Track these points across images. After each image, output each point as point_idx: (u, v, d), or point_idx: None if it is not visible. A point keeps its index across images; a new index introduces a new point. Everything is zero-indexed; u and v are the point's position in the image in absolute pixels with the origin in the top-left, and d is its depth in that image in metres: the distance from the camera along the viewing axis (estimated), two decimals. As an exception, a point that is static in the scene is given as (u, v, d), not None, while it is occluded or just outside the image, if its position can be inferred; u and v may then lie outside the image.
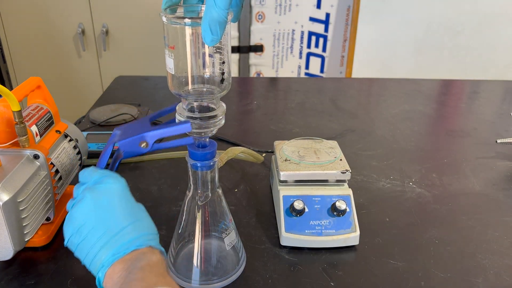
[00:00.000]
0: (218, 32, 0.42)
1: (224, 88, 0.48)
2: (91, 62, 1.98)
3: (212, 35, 0.42)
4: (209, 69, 0.47)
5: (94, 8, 1.87)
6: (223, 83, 0.48)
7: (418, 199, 0.71)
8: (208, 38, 0.42)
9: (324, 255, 0.58)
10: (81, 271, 0.54)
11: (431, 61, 2.18)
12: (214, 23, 0.42)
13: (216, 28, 0.42)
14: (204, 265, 0.53)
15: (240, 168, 0.80)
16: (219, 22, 0.42)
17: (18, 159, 0.55)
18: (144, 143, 0.47)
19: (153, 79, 1.29)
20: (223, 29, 0.43)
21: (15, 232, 0.52)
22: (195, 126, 0.46)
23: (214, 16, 0.41)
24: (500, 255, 0.58)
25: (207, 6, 0.42)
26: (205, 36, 0.42)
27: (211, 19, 0.42)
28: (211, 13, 0.41)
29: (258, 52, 2.38)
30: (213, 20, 0.42)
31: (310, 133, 0.94)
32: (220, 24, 0.42)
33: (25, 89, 0.60)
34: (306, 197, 0.60)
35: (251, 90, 1.24)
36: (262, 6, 2.26)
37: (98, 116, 0.89)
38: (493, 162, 0.82)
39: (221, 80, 0.48)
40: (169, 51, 0.45)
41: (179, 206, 0.68)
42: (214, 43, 0.43)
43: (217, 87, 0.48)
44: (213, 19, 0.42)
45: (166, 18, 0.44)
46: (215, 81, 0.48)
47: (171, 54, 0.45)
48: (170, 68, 0.46)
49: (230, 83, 0.49)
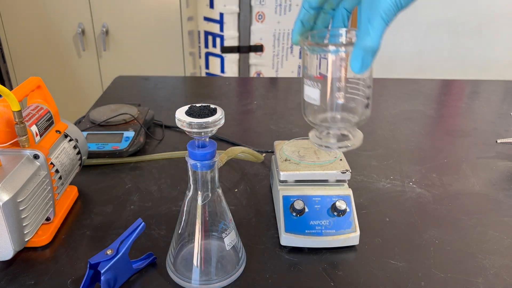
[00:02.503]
0: (370, 60, 0.40)
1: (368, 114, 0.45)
2: (91, 62, 1.98)
3: (363, 63, 0.40)
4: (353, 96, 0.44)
5: (94, 8, 1.87)
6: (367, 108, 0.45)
7: (418, 199, 0.71)
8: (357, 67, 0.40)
9: (324, 255, 0.58)
10: (81, 271, 0.54)
11: (431, 61, 2.18)
12: (367, 52, 0.39)
13: (368, 57, 0.39)
14: (204, 265, 0.53)
15: (240, 168, 0.80)
16: (372, 51, 0.39)
17: (18, 159, 0.55)
18: (110, 250, 0.51)
19: (153, 79, 1.29)
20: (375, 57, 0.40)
21: (15, 232, 0.52)
22: (195, 126, 0.46)
23: (368, 45, 0.39)
24: (500, 255, 0.58)
25: (360, 34, 0.39)
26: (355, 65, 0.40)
27: (364, 48, 0.39)
28: (365, 41, 0.39)
29: (258, 52, 2.38)
30: (366, 49, 0.39)
31: (310, 133, 0.94)
32: (373, 53, 0.39)
33: (25, 89, 0.60)
34: (306, 197, 0.60)
35: (251, 90, 1.24)
36: (262, 6, 2.26)
37: (98, 116, 0.89)
38: (493, 162, 0.82)
39: (366, 105, 0.45)
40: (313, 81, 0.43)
41: (179, 206, 0.68)
42: (364, 71, 0.40)
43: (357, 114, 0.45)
44: (367, 48, 0.39)
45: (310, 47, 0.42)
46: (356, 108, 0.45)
47: (316, 84, 0.43)
48: (313, 99, 0.43)
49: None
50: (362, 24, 0.39)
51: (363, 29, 0.39)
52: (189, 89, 1.29)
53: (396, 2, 0.38)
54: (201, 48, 2.37)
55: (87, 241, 0.60)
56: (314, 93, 0.43)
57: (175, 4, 1.87)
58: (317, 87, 0.43)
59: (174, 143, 0.90)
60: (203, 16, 2.28)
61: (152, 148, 0.87)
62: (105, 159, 0.80)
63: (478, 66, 2.15)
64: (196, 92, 1.24)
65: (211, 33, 2.33)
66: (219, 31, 2.32)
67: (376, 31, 0.38)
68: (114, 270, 0.50)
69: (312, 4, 0.45)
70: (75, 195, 0.69)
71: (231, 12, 2.27)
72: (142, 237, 0.61)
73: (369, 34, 0.38)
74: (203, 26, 2.31)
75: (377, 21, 0.38)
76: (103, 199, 0.70)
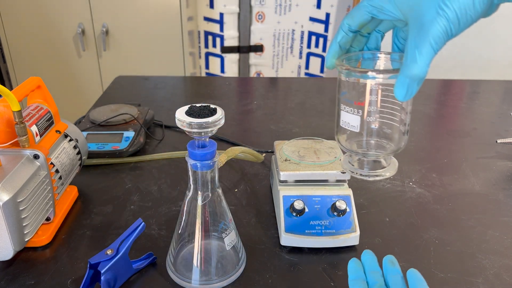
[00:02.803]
0: (415, 89, 0.38)
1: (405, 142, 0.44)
2: (91, 62, 1.98)
3: (408, 92, 0.38)
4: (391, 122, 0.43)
5: (94, 8, 1.87)
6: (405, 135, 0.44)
7: (418, 199, 0.71)
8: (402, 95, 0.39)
9: (324, 255, 0.58)
10: (81, 271, 0.54)
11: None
12: (413, 80, 0.38)
13: (414, 85, 0.38)
14: (204, 265, 0.53)
15: (240, 168, 0.80)
16: (419, 79, 0.38)
17: (18, 159, 0.55)
18: (110, 250, 0.51)
19: (153, 79, 1.29)
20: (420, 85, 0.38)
21: (15, 232, 0.52)
22: (195, 126, 0.46)
23: (414, 73, 0.37)
24: (500, 255, 0.58)
25: (407, 61, 0.38)
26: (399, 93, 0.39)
27: (411, 76, 0.38)
28: (411, 69, 0.37)
29: (258, 52, 2.38)
30: (412, 77, 0.38)
31: (310, 133, 0.94)
32: (419, 81, 0.38)
33: (25, 89, 0.60)
34: (306, 197, 0.60)
35: (251, 90, 1.24)
36: (262, 6, 2.26)
37: (98, 116, 0.89)
38: (493, 162, 0.82)
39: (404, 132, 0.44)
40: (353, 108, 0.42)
41: (179, 206, 0.68)
42: (408, 99, 0.39)
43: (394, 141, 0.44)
44: (413, 76, 0.38)
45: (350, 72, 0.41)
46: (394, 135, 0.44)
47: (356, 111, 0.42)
48: (353, 126, 0.42)
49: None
50: (409, 51, 0.38)
51: (410, 56, 0.37)
52: (189, 89, 1.30)
53: (446, 29, 0.36)
54: (201, 48, 2.37)
55: (87, 241, 0.60)
56: (354, 120, 0.42)
57: (175, 4, 1.87)
58: (357, 114, 0.42)
59: (174, 143, 0.90)
60: (203, 16, 2.28)
61: (152, 148, 0.87)
62: (105, 159, 0.80)
63: (478, 66, 2.15)
64: (196, 92, 1.24)
65: (211, 33, 2.33)
66: (219, 31, 2.32)
67: (424, 59, 0.37)
68: (114, 270, 0.50)
69: (352, 27, 0.44)
70: (75, 195, 0.69)
71: (231, 12, 2.27)
72: (142, 237, 0.61)
73: (416, 62, 0.37)
74: (203, 26, 2.31)
75: (426, 49, 0.37)
76: (103, 199, 0.70)
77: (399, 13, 0.40)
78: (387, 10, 0.41)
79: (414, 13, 0.38)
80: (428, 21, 0.36)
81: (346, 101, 0.42)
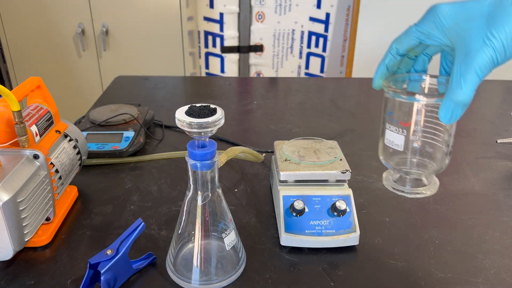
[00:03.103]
0: (459, 114, 0.40)
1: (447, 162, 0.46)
2: (91, 62, 1.98)
3: (452, 116, 0.40)
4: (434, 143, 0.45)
5: (94, 8, 1.87)
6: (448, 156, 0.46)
7: (418, 199, 0.71)
8: (446, 118, 0.40)
9: (324, 255, 0.58)
10: (81, 271, 0.54)
11: (431, 61, 2.18)
12: (457, 105, 0.39)
13: (458, 110, 0.39)
14: (204, 265, 0.53)
15: (240, 168, 0.80)
16: (463, 104, 0.39)
17: (18, 159, 0.55)
18: (110, 250, 0.51)
19: (153, 79, 1.29)
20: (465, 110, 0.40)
21: (15, 232, 0.52)
22: (195, 126, 0.46)
23: (459, 99, 0.39)
24: (500, 255, 0.58)
25: (452, 86, 0.39)
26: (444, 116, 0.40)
27: (455, 102, 0.39)
28: (457, 95, 0.39)
29: (258, 52, 2.38)
30: (457, 103, 0.39)
31: (310, 133, 0.94)
32: (464, 107, 0.39)
33: (25, 89, 0.60)
34: (306, 197, 0.60)
35: (251, 90, 1.24)
36: (262, 6, 2.26)
37: (98, 116, 0.89)
38: (493, 162, 0.82)
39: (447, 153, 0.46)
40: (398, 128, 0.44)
41: (179, 206, 0.68)
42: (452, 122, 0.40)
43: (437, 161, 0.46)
44: (458, 101, 0.39)
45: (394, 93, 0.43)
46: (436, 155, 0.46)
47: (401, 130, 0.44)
48: (397, 145, 0.45)
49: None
50: (454, 77, 0.39)
51: (455, 82, 0.39)
52: (189, 89, 1.30)
53: (492, 58, 0.37)
54: (201, 48, 2.37)
55: (87, 241, 0.60)
56: (398, 139, 0.44)
57: (175, 4, 1.87)
58: (402, 134, 0.44)
59: (174, 143, 0.90)
60: (203, 16, 2.28)
61: (152, 148, 0.87)
62: (105, 159, 0.80)
63: (478, 66, 2.15)
64: (196, 92, 1.24)
65: (211, 33, 2.33)
66: (219, 31, 2.32)
67: (469, 86, 0.38)
68: (114, 270, 0.50)
69: (400, 51, 0.46)
70: (75, 195, 0.69)
71: (231, 12, 2.27)
72: (142, 237, 0.61)
73: (461, 88, 0.38)
74: (203, 26, 2.31)
75: (471, 76, 0.38)
76: (103, 199, 0.70)
77: (447, 39, 0.42)
78: (434, 36, 0.42)
79: (461, 40, 0.39)
80: (475, 49, 0.38)
81: (392, 121, 0.45)
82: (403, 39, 0.45)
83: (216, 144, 0.50)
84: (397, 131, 0.44)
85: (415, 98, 0.43)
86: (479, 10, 0.39)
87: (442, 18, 0.41)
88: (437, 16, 0.42)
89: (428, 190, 0.47)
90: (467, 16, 0.39)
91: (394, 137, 0.45)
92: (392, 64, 0.47)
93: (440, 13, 0.41)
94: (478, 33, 0.38)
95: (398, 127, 0.44)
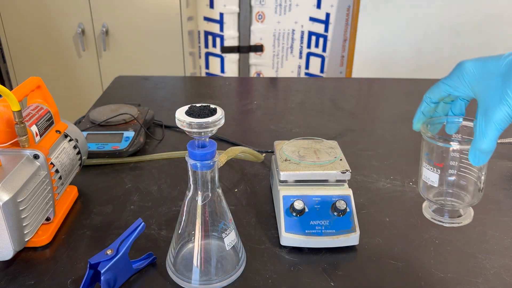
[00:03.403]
0: (485, 159, 0.44)
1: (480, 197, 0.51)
2: (91, 62, 1.98)
3: (479, 160, 0.44)
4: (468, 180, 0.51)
5: (94, 8, 1.87)
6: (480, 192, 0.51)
7: (418, 199, 0.71)
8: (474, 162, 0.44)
9: (324, 255, 0.58)
10: (81, 271, 0.54)
11: (431, 61, 2.18)
12: (482, 152, 0.43)
13: (483, 156, 0.44)
14: (204, 265, 0.53)
15: (240, 168, 0.80)
16: (487, 152, 0.43)
17: (18, 159, 0.55)
18: (110, 250, 0.51)
19: (153, 79, 1.29)
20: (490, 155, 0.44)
21: (15, 232, 0.52)
22: (195, 126, 0.46)
23: (483, 148, 0.43)
24: (500, 255, 0.58)
25: (476, 136, 0.43)
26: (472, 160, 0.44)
27: (480, 150, 0.43)
28: (480, 144, 0.43)
29: (258, 52, 2.38)
30: (481, 151, 0.43)
31: (310, 133, 0.94)
32: (488, 153, 0.43)
33: (25, 89, 0.60)
34: (306, 197, 0.60)
35: (251, 90, 1.24)
36: (262, 6, 2.26)
37: (98, 116, 0.89)
38: (493, 162, 0.82)
39: (479, 189, 0.51)
40: (434, 167, 0.50)
41: (179, 206, 0.68)
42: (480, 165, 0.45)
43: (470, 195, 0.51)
44: (482, 150, 0.43)
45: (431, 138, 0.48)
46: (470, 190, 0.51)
47: (436, 169, 0.50)
48: (432, 181, 0.51)
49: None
50: (477, 128, 0.43)
51: (478, 133, 0.43)
52: (189, 89, 1.30)
53: (509, 114, 0.41)
54: (201, 48, 2.37)
55: (87, 241, 0.60)
56: (433, 176, 0.50)
57: (175, 4, 1.87)
58: (436, 173, 0.50)
59: (174, 143, 0.90)
60: (203, 16, 2.28)
61: (152, 148, 0.88)
62: (105, 159, 0.80)
63: (478, 66, 2.15)
64: (196, 92, 1.24)
65: (211, 33, 2.33)
66: (219, 31, 2.32)
67: (490, 136, 0.42)
68: (114, 270, 0.50)
69: (433, 99, 0.51)
70: (75, 195, 0.69)
71: (231, 12, 2.27)
72: (142, 237, 0.61)
73: (483, 139, 0.43)
74: (203, 26, 2.31)
75: (491, 129, 0.42)
76: (103, 199, 0.70)
77: (471, 93, 0.46)
78: (460, 90, 0.47)
79: (482, 95, 0.44)
80: (493, 105, 0.42)
81: (428, 161, 0.50)
82: (434, 90, 0.50)
83: (216, 144, 0.50)
84: (433, 170, 0.50)
85: (449, 144, 0.48)
86: (497, 69, 0.43)
87: (466, 75, 0.46)
88: (462, 72, 0.46)
89: (464, 220, 0.52)
90: (487, 74, 0.44)
91: (430, 174, 0.51)
92: (428, 110, 0.52)
93: (464, 70, 0.46)
94: (496, 92, 0.42)
95: (434, 167, 0.50)
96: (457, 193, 0.52)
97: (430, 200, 0.53)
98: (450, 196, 0.52)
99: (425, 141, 0.51)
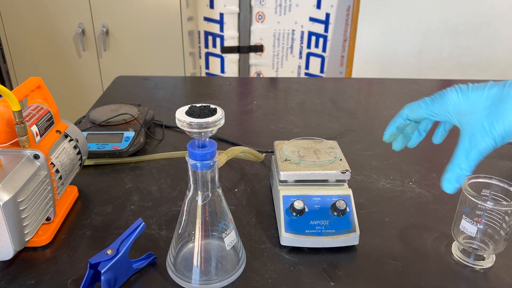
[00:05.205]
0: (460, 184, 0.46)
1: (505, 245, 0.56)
2: (91, 62, 1.98)
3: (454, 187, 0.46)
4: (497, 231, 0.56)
5: (94, 8, 1.87)
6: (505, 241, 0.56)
7: (418, 199, 0.71)
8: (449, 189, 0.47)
9: (324, 255, 0.58)
10: (81, 271, 0.54)
11: (431, 61, 2.18)
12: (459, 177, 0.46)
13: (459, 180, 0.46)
14: (204, 265, 0.53)
15: (240, 168, 0.80)
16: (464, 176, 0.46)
17: (18, 159, 0.55)
18: (110, 250, 0.51)
19: (153, 79, 1.29)
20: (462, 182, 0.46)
21: (15, 232, 0.52)
22: (195, 126, 0.46)
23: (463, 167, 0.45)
24: (500, 255, 0.58)
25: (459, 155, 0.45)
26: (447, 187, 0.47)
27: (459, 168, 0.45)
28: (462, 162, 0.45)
29: (258, 52, 2.38)
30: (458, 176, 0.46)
31: (310, 133, 0.94)
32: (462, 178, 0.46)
33: (25, 89, 0.60)
34: (306, 197, 0.60)
35: (251, 90, 1.24)
36: (262, 6, 2.26)
37: (98, 116, 0.89)
38: (493, 162, 0.82)
39: (505, 239, 0.55)
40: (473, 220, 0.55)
41: (179, 206, 0.68)
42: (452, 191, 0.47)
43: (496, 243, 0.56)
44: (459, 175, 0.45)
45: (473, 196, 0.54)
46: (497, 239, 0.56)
47: (476, 223, 0.55)
48: (471, 232, 0.56)
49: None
50: (459, 153, 0.46)
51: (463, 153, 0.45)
52: (189, 89, 1.30)
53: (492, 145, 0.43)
54: (201, 48, 2.37)
55: (87, 241, 0.60)
56: (472, 228, 0.56)
57: (175, 4, 1.87)
58: (476, 225, 0.55)
59: (174, 143, 0.90)
60: (203, 16, 2.28)
61: (152, 148, 0.88)
62: (105, 159, 0.80)
63: (478, 66, 2.15)
64: (196, 92, 1.24)
65: (211, 33, 2.33)
66: (219, 31, 2.32)
67: (471, 162, 0.45)
68: (114, 270, 0.50)
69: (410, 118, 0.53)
70: (75, 195, 0.69)
71: (231, 12, 2.27)
72: (142, 237, 0.61)
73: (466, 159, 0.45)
74: (203, 26, 2.31)
75: (474, 156, 0.44)
76: (103, 199, 0.70)
77: (454, 121, 0.48)
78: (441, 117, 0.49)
79: (467, 125, 0.45)
80: (479, 135, 0.44)
81: (468, 215, 0.56)
82: (414, 110, 0.51)
83: (216, 144, 0.50)
84: (471, 223, 0.55)
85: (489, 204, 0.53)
86: (480, 101, 0.44)
87: (450, 105, 0.47)
88: (446, 103, 0.48)
89: (487, 264, 0.56)
90: (471, 106, 0.45)
91: (469, 226, 0.56)
92: (402, 126, 0.55)
93: (448, 101, 0.47)
94: (481, 123, 0.44)
95: (473, 220, 0.55)
96: (486, 240, 0.57)
97: (462, 243, 0.58)
98: (479, 242, 0.57)
99: (465, 197, 0.55)
